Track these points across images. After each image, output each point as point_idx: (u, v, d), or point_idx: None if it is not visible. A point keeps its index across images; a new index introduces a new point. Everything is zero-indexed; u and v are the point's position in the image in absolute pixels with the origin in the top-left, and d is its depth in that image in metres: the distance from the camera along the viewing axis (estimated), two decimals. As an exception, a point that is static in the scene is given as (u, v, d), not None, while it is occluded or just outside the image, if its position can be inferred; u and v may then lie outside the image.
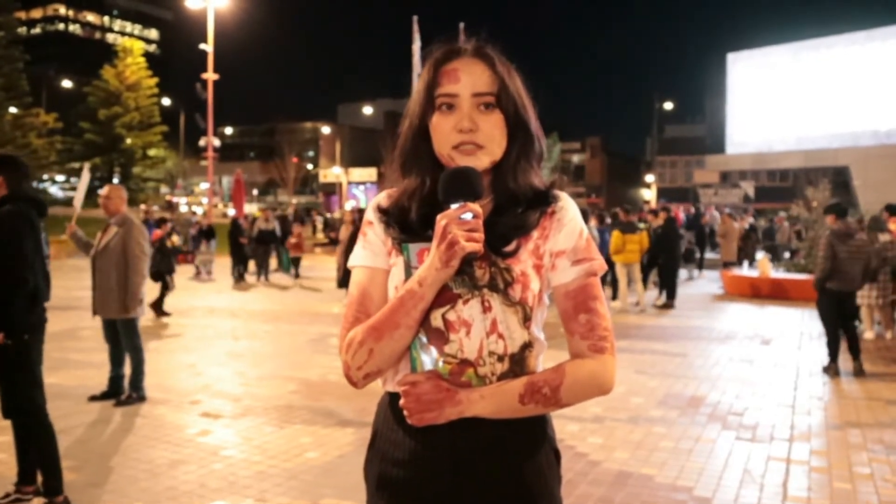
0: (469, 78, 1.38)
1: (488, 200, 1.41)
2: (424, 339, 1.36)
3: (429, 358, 1.36)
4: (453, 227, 1.25)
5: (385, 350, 1.35)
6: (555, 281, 1.41)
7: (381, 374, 1.41)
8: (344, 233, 12.21)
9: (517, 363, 1.36)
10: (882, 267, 8.84)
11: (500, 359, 1.35)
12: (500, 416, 1.35)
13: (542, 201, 1.43)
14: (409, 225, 1.41)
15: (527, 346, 1.36)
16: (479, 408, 1.33)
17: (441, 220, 1.27)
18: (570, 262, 1.40)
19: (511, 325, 1.35)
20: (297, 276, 16.60)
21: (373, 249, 1.45)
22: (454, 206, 1.28)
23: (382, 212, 1.46)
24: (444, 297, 1.34)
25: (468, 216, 1.26)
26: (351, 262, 1.47)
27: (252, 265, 16.79)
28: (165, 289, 11.14)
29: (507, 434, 1.37)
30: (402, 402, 1.34)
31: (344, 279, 12.09)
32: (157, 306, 10.87)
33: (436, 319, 1.35)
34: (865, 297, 9.08)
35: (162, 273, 11.09)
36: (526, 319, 1.36)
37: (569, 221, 1.42)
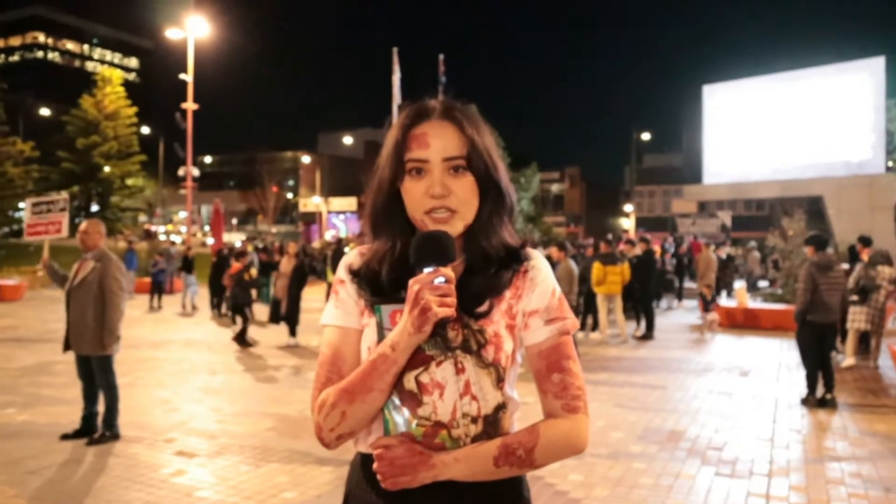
0: (439, 142, 1.37)
1: (460, 261, 1.41)
2: (397, 401, 1.35)
3: (402, 419, 1.35)
4: (426, 293, 1.25)
5: (357, 413, 1.33)
6: (528, 340, 1.41)
7: (354, 436, 1.39)
8: (286, 266, 11.77)
9: (491, 424, 1.35)
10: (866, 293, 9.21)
11: (474, 420, 1.34)
12: (475, 479, 1.33)
13: (515, 260, 1.43)
14: (381, 286, 1.41)
15: (500, 407, 1.36)
16: (453, 471, 1.32)
17: (414, 286, 1.26)
18: (543, 321, 1.40)
19: (484, 386, 1.34)
20: (234, 321, 13.28)
21: (345, 308, 1.44)
22: (426, 271, 1.27)
23: (353, 272, 1.46)
24: (417, 358, 1.33)
25: (441, 280, 1.26)
26: (323, 320, 1.46)
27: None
28: (246, 321, 11.20)
29: (481, 496, 1.36)
30: (375, 465, 1.32)
31: (275, 314, 11.86)
32: (240, 338, 11.12)
33: (409, 382, 1.34)
34: (856, 321, 9.33)
35: (241, 306, 11.16)
36: (499, 381, 1.35)
37: (541, 281, 1.43)
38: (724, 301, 15.79)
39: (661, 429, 6.44)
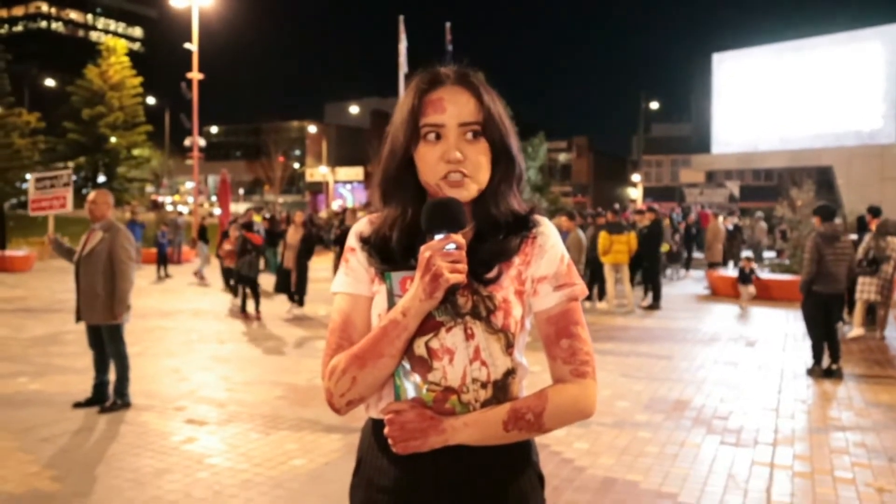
0: (455, 108, 1.37)
1: (469, 227, 1.41)
2: (408, 367, 1.36)
3: (412, 385, 1.36)
4: (437, 260, 1.26)
5: (368, 378, 1.35)
6: (537, 306, 1.42)
7: (364, 401, 1.41)
8: (293, 236, 11.73)
9: (500, 390, 1.36)
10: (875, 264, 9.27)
11: (484, 386, 1.35)
12: (485, 443, 1.35)
13: (523, 226, 1.43)
14: (391, 254, 1.41)
15: (510, 372, 1.37)
16: (463, 436, 1.33)
17: (425, 252, 1.27)
18: (552, 287, 1.41)
19: (494, 352, 1.35)
20: (235, 293, 12.29)
21: (355, 276, 1.45)
22: (438, 237, 1.28)
23: (364, 240, 1.46)
24: (427, 325, 1.34)
25: (451, 247, 1.27)
26: (334, 288, 1.47)
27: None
28: (257, 293, 11.31)
29: (490, 460, 1.38)
30: (386, 430, 1.34)
31: (282, 283, 11.84)
32: (255, 308, 11.25)
33: (419, 348, 1.35)
34: (864, 291, 9.34)
35: (253, 278, 11.20)
36: (508, 346, 1.36)
37: (550, 248, 1.43)
38: (730, 272, 15.74)
39: (667, 398, 6.47)
